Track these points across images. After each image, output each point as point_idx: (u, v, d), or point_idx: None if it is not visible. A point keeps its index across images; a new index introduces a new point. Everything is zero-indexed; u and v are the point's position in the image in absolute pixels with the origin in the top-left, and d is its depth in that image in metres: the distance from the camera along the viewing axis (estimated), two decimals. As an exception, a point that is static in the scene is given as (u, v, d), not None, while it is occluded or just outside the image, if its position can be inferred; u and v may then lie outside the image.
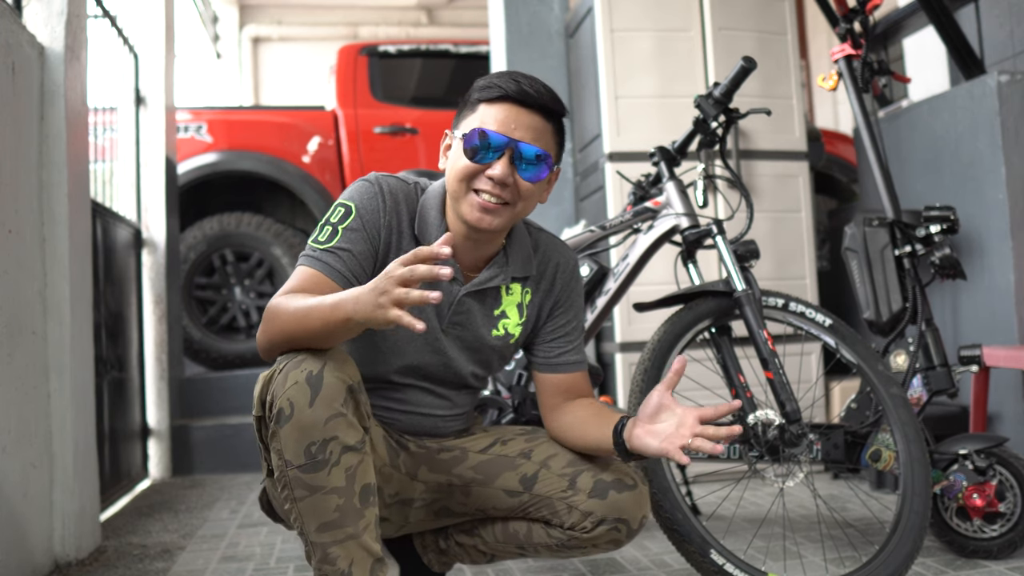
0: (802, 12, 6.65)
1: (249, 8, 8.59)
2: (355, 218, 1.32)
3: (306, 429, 1.15)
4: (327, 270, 1.29)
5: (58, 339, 2.10)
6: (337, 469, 1.16)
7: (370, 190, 1.35)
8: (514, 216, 1.35)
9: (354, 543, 1.18)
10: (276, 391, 1.17)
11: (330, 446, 1.16)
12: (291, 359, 1.19)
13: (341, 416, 1.17)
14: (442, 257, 1.07)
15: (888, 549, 1.66)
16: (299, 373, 1.16)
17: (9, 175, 1.91)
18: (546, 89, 1.33)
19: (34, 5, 2.14)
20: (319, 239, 1.32)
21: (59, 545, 2.09)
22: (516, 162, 1.30)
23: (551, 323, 1.49)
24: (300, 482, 1.16)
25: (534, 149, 1.30)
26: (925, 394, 2.09)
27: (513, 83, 1.30)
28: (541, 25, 3.60)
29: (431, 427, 1.47)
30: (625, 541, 1.37)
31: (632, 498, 1.35)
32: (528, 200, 1.34)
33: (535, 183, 1.33)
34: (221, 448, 3.49)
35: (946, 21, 2.78)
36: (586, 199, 3.35)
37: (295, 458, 1.16)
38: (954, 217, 2.16)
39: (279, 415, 1.16)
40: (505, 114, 1.30)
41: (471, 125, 1.32)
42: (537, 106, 1.31)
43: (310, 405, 1.15)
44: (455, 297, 1.40)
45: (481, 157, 1.30)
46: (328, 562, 1.18)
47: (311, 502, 1.17)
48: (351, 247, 1.31)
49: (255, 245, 4.10)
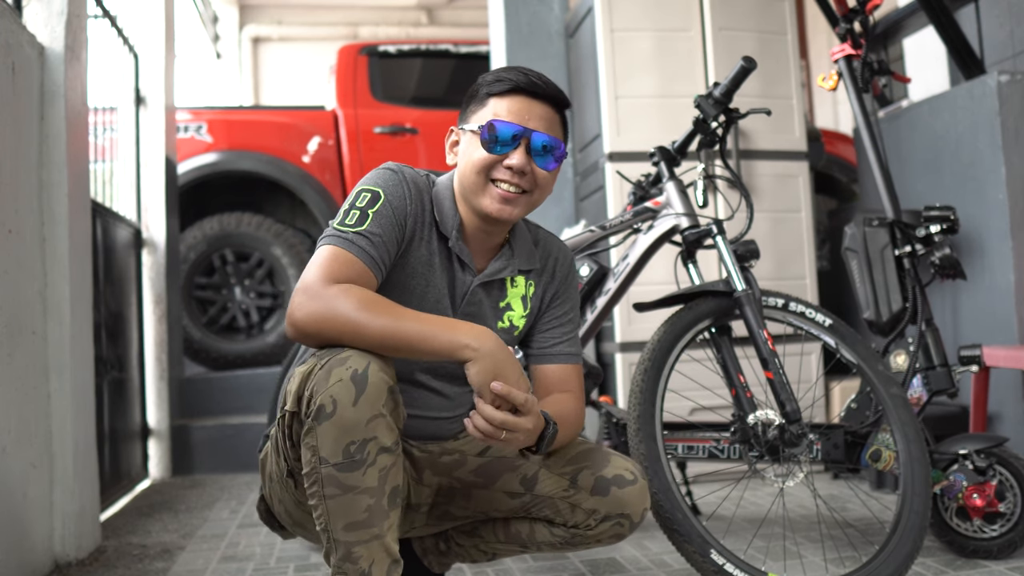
0: (802, 12, 6.65)
1: (249, 8, 8.59)
2: (384, 204, 1.32)
3: (347, 428, 1.14)
4: (361, 254, 1.27)
5: (58, 339, 2.10)
6: (372, 470, 1.16)
7: (394, 178, 1.36)
8: (531, 204, 1.38)
9: (378, 543, 1.18)
10: (317, 387, 1.16)
11: (369, 446, 1.15)
12: (334, 355, 1.18)
13: (382, 417, 1.16)
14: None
15: (888, 549, 1.66)
16: (344, 371, 1.15)
17: (9, 175, 1.91)
18: (551, 81, 1.37)
19: (34, 5, 2.14)
20: (347, 222, 1.29)
21: (59, 545, 2.09)
22: (532, 151, 1.34)
23: (548, 313, 1.51)
24: (333, 480, 1.16)
25: (548, 138, 1.35)
26: (925, 394, 2.09)
27: (522, 75, 1.35)
28: (541, 25, 3.60)
29: (435, 430, 1.47)
30: (627, 534, 1.39)
31: (634, 493, 1.36)
32: (544, 188, 1.38)
33: (550, 171, 1.37)
34: (221, 448, 3.49)
35: (946, 21, 2.78)
36: (586, 199, 3.35)
37: (332, 456, 1.15)
38: (954, 217, 2.16)
39: (319, 411, 1.15)
40: (518, 105, 1.34)
41: (484, 118, 1.35)
42: (546, 96, 1.36)
43: (354, 404, 1.14)
44: (469, 287, 1.42)
45: (498, 147, 1.33)
46: (351, 560, 1.18)
47: (342, 501, 1.16)
48: (381, 232, 1.30)
49: (255, 245, 4.10)
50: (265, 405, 3.56)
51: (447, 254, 1.40)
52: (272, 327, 4.15)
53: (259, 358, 4.10)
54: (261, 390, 3.78)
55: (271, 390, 2.50)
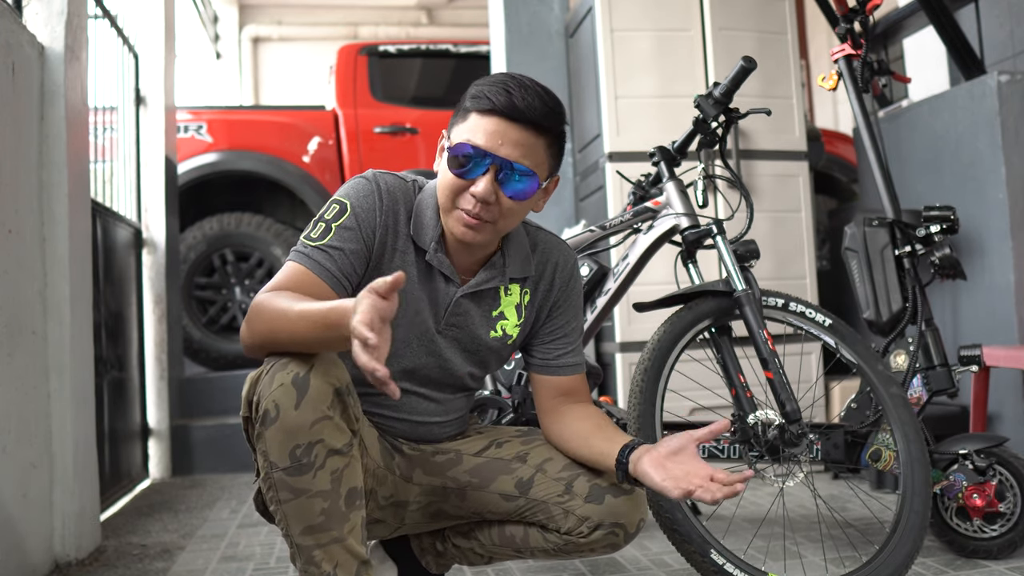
0: (802, 12, 6.66)
1: (249, 8, 8.59)
2: (350, 216, 1.29)
3: (291, 431, 1.14)
4: (317, 268, 1.26)
5: (58, 339, 2.10)
6: (323, 472, 1.16)
7: (367, 188, 1.32)
8: (496, 233, 1.32)
9: (339, 546, 1.18)
10: (262, 392, 1.16)
11: (315, 449, 1.15)
12: (277, 360, 1.18)
13: (327, 419, 1.15)
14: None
15: (888, 549, 1.66)
16: (285, 375, 1.15)
17: (9, 175, 1.91)
18: (541, 101, 1.26)
19: (34, 5, 2.14)
20: (311, 235, 1.28)
21: (59, 545, 2.09)
22: (501, 179, 1.26)
23: (549, 324, 1.47)
24: (285, 484, 1.16)
25: (519, 167, 1.26)
26: (925, 394, 2.09)
27: (504, 95, 1.24)
28: (541, 25, 3.60)
29: (425, 433, 1.46)
30: (622, 544, 1.37)
31: (629, 502, 1.34)
32: (511, 217, 1.31)
33: (520, 201, 1.29)
34: (221, 448, 3.49)
35: (946, 21, 2.78)
36: (586, 199, 3.35)
37: (280, 460, 1.15)
38: (954, 217, 2.16)
39: (265, 416, 1.15)
40: (494, 127, 1.25)
41: (460, 135, 1.28)
42: (526, 121, 1.25)
43: (296, 407, 1.14)
44: (452, 299, 1.38)
45: (466, 172, 1.26)
46: (313, 564, 1.18)
47: (296, 505, 1.16)
48: (343, 245, 1.28)
49: (255, 245, 4.10)
50: (265, 405, 3.56)
51: (426, 265, 1.36)
52: (272, 327, 4.14)
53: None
54: (261, 390, 3.78)
55: (271, 390, 2.49)
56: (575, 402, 1.45)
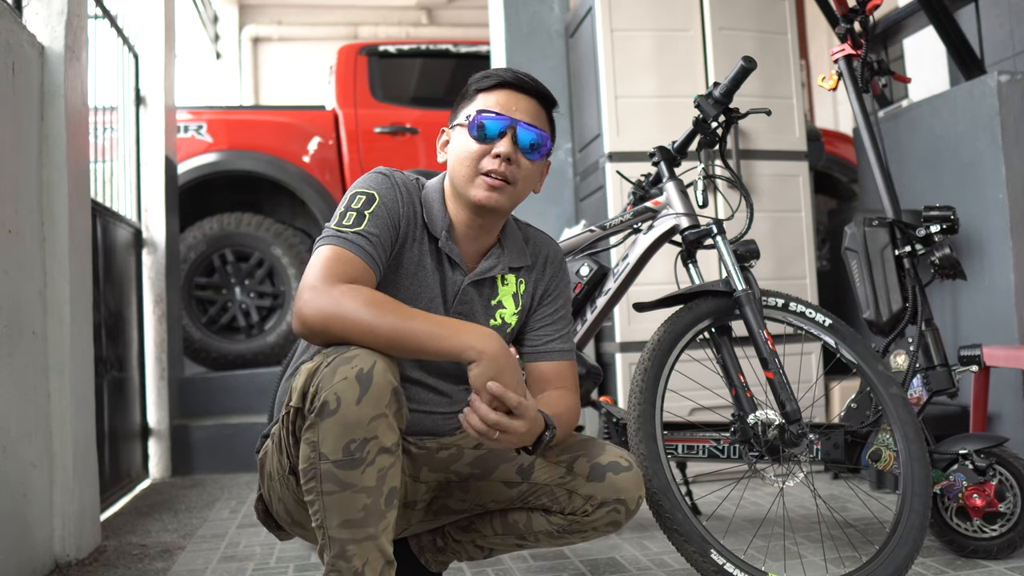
0: (802, 12, 6.66)
1: (249, 8, 8.59)
2: (379, 205, 1.36)
3: (349, 426, 1.16)
4: (362, 254, 1.30)
5: (58, 339, 2.10)
6: (371, 469, 1.17)
7: (387, 182, 1.40)
8: (515, 195, 1.41)
9: (372, 544, 1.19)
10: (322, 384, 1.17)
11: (369, 445, 1.16)
12: (340, 353, 1.19)
13: (383, 417, 1.18)
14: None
15: (888, 549, 1.66)
16: (349, 369, 1.17)
17: (9, 175, 1.91)
18: (536, 81, 1.44)
19: (34, 5, 2.14)
20: (345, 224, 1.33)
21: (59, 545, 2.09)
22: (518, 141, 1.38)
23: (540, 310, 1.53)
24: (333, 476, 1.17)
25: (534, 129, 1.40)
26: (925, 394, 2.09)
27: (508, 72, 1.42)
28: (541, 25, 3.60)
29: (431, 425, 1.48)
30: (623, 522, 1.41)
31: (629, 479, 1.38)
32: (527, 180, 1.42)
33: (534, 163, 1.41)
34: (221, 448, 3.49)
35: (946, 21, 2.78)
36: (586, 199, 3.35)
37: (332, 452, 1.16)
38: (954, 217, 2.16)
39: (323, 408, 1.16)
40: (505, 98, 1.40)
41: (472, 112, 1.40)
42: (532, 91, 1.42)
43: (357, 403, 1.15)
44: (460, 286, 1.44)
45: (486, 136, 1.37)
46: (344, 558, 1.18)
47: (340, 498, 1.17)
48: (379, 233, 1.34)
49: (255, 245, 4.10)
50: (265, 405, 3.56)
51: (437, 255, 1.44)
52: (272, 327, 4.15)
53: (259, 358, 4.10)
54: (261, 390, 3.79)
55: (271, 390, 2.49)
56: (559, 387, 1.49)
